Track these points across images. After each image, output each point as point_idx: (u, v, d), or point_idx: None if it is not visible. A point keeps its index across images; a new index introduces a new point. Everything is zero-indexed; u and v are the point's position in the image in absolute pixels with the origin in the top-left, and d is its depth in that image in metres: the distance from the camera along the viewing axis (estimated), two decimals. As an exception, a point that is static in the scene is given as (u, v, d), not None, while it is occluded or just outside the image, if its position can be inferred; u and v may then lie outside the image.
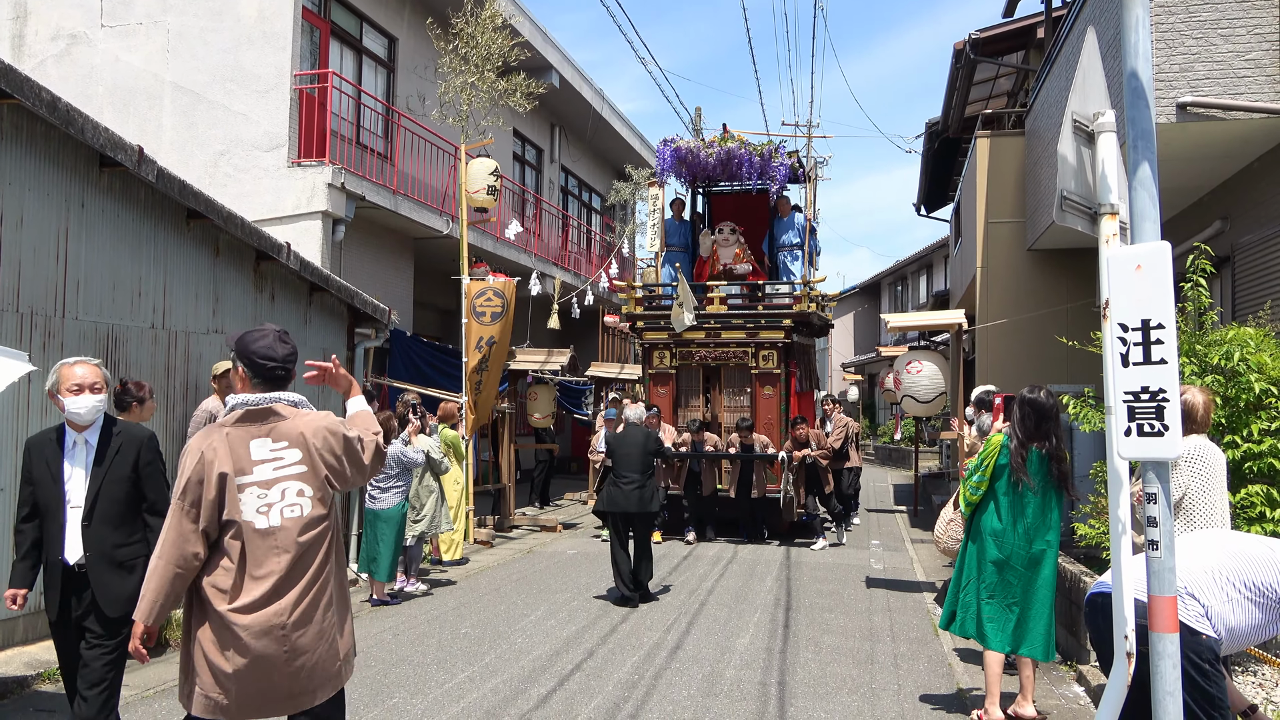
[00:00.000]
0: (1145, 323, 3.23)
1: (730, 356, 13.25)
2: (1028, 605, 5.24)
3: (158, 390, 7.34)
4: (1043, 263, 13.50)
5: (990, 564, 5.28)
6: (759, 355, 13.06)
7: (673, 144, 14.00)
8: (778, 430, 12.76)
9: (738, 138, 13.84)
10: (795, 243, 14.17)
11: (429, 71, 14.55)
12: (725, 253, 14.26)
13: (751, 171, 13.76)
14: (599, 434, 13.13)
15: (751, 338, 13.09)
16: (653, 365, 13.63)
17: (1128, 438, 3.26)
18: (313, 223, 11.62)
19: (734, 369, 13.36)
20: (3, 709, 5.37)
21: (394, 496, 8.37)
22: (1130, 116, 3.28)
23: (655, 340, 13.57)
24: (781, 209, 14.41)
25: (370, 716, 5.35)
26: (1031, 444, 5.23)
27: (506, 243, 16.12)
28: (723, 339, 13.26)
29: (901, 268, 36.08)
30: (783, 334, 12.96)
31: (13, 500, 6.03)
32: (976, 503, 5.39)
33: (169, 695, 5.68)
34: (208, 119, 12.17)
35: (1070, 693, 5.99)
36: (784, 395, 13.02)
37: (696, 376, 13.56)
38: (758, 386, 13.13)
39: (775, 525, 12.65)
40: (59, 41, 12.81)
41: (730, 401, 13.47)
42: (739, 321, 13.24)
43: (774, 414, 12.95)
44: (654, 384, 13.61)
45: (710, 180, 14.81)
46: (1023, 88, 16.21)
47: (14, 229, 6.18)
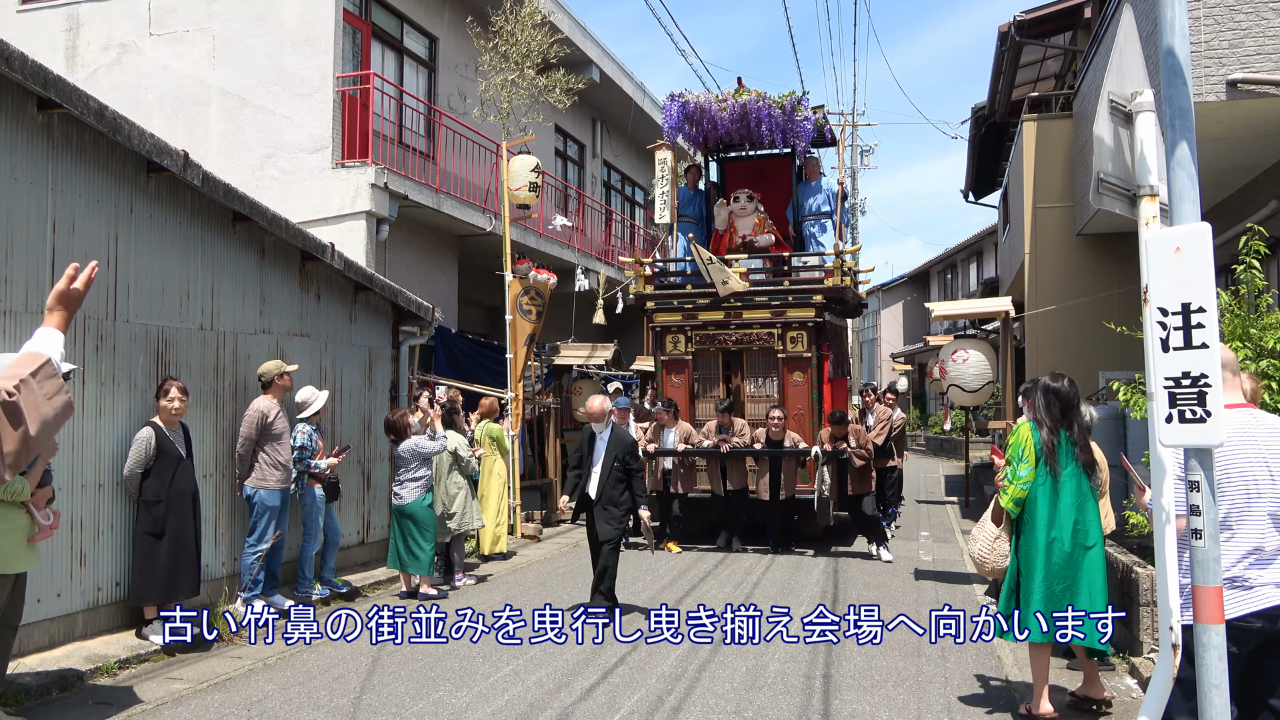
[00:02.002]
0: (1185, 306, 3.15)
1: (754, 339, 11.75)
2: (1077, 593, 5.16)
3: (207, 390, 7.50)
4: (1092, 247, 13.25)
5: (1040, 555, 5.21)
6: (786, 337, 11.59)
7: (681, 99, 12.33)
8: (809, 422, 11.39)
9: (754, 92, 12.12)
10: (825, 210, 12.68)
11: (469, 70, 14.65)
12: (743, 223, 12.76)
13: (773, 128, 12.02)
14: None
15: (778, 317, 11.58)
16: (665, 351, 12.12)
17: (1169, 424, 3.18)
18: (357, 223, 11.77)
19: (758, 353, 11.87)
20: (63, 702, 5.52)
21: (415, 490, 8.39)
22: (1168, 95, 3.21)
23: (668, 323, 12.05)
24: (809, 172, 12.93)
25: (416, 709, 5.42)
26: (1060, 429, 5.25)
27: (550, 238, 16.21)
28: (744, 319, 11.72)
29: (950, 255, 35.65)
30: (813, 312, 11.47)
31: (82, 494, 6.21)
32: (1024, 497, 5.29)
33: (222, 689, 5.81)
34: (253, 123, 12.37)
35: (1122, 685, 5.89)
36: (815, 382, 11.57)
37: (715, 363, 12.11)
38: (785, 373, 11.64)
39: (807, 529, 11.43)
40: (110, 51, 13.11)
41: (755, 390, 12.01)
42: (763, 299, 11.70)
43: (804, 403, 11.53)
44: (667, 372, 12.13)
45: (725, 143, 13.18)
46: (1070, 69, 15.90)
47: (66, 235, 6.34)
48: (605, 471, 7.58)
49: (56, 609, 6.17)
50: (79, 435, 6.36)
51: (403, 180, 12.25)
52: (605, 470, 7.58)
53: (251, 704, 5.52)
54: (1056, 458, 5.19)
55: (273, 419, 7.54)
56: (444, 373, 12.50)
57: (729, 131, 12.41)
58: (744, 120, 12.14)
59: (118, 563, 6.63)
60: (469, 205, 13.85)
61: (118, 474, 6.62)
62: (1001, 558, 5.56)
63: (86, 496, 6.41)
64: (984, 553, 5.62)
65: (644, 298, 12.28)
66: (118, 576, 6.63)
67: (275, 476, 7.47)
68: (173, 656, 6.43)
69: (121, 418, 6.69)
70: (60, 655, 6.03)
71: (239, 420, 7.60)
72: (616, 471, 7.54)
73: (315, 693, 5.72)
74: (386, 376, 9.98)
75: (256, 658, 6.49)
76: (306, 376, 8.46)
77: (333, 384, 9.04)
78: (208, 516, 7.26)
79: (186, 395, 6.83)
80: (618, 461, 7.57)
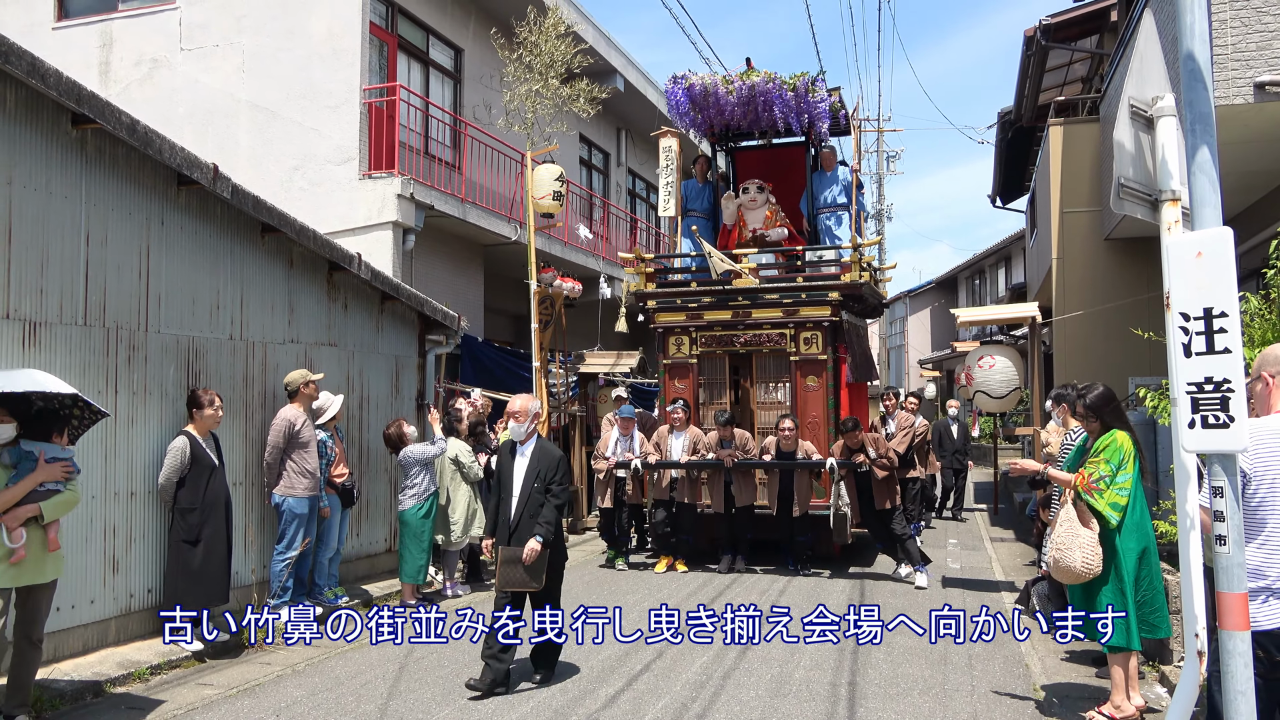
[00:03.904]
0: (1208, 311, 3.14)
1: (764, 340, 10.78)
2: (1154, 594, 5.22)
3: (236, 399, 7.61)
4: (1120, 252, 13.14)
5: (1137, 559, 5.20)
6: (800, 338, 10.61)
7: (684, 81, 11.34)
8: (824, 431, 10.42)
9: (764, 73, 11.13)
10: (842, 202, 11.74)
11: (494, 80, 14.76)
12: (753, 216, 11.83)
13: (785, 110, 11.01)
14: (608, 435, 11.01)
15: (790, 316, 10.63)
16: (668, 354, 11.20)
17: (1191, 430, 3.18)
18: (384, 233, 11.89)
19: (769, 356, 10.90)
20: (95, 707, 5.62)
21: (410, 499, 8.44)
22: (1188, 99, 3.20)
23: (671, 323, 11.14)
24: (825, 162, 11.92)
25: (442, 715, 5.46)
26: (1130, 430, 5.26)
27: (574, 247, 16.27)
28: (754, 319, 10.77)
29: (979, 261, 35.42)
30: (829, 310, 10.51)
31: (115, 502, 6.32)
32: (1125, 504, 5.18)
33: (251, 694, 5.88)
34: (282, 135, 12.53)
35: (1153, 693, 5.82)
36: (832, 387, 10.59)
37: (722, 366, 11.14)
38: (799, 377, 10.64)
39: (824, 549, 10.39)
40: (142, 66, 13.32)
41: (765, 396, 11.05)
42: (774, 296, 10.74)
43: (819, 410, 10.54)
44: (670, 377, 11.19)
45: (734, 131, 12.11)
46: (1097, 73, 15.79)
47: (99, 247, 6.46)
48: (524, 497, 5.90)
49: (89, 615, 6.28)
50: (112, 444, 6.47)
51: (429, 190, 12.35)
52: (524, 495, 5.90)
53: (280, 709, 5.59)
54: (1145, 465, 5.21)
55: (299, 427, 7.63)
56: (470, 381, 12.56)
57: (737, 116, 11.43)
58: (753, 103, 11.14)
59: (150, 569, 6.74)
60: (494, 214, 13.95)
61: (149, 482, 6.72)
62: (1096, 564, 5.25)
63: (119, 504, 6.52)
64: (1089, 560, 5.16)
65: (644, 296, 11.40)
66: (150, 583, 6.73)
67: (303, 484, 7.56)
68: (203, 663, 6.52)
69: (154, 427, 6.81)
70: (93, 661, 6.13)
71: (268, 429, 7.70)
72: (538, 496, 5.88)
73: (343, 698, 5.78)
74: (413, 385, 10.06)
75: (285, 664, 6.57)
76: (334, 386, 8.56)
77: (360, 393, 9.13)
78: (237, 524, 7.36)
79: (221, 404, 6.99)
80: (538, 482, 5.90)
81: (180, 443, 6.69)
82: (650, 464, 10.35)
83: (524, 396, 6.21)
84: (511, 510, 5.94)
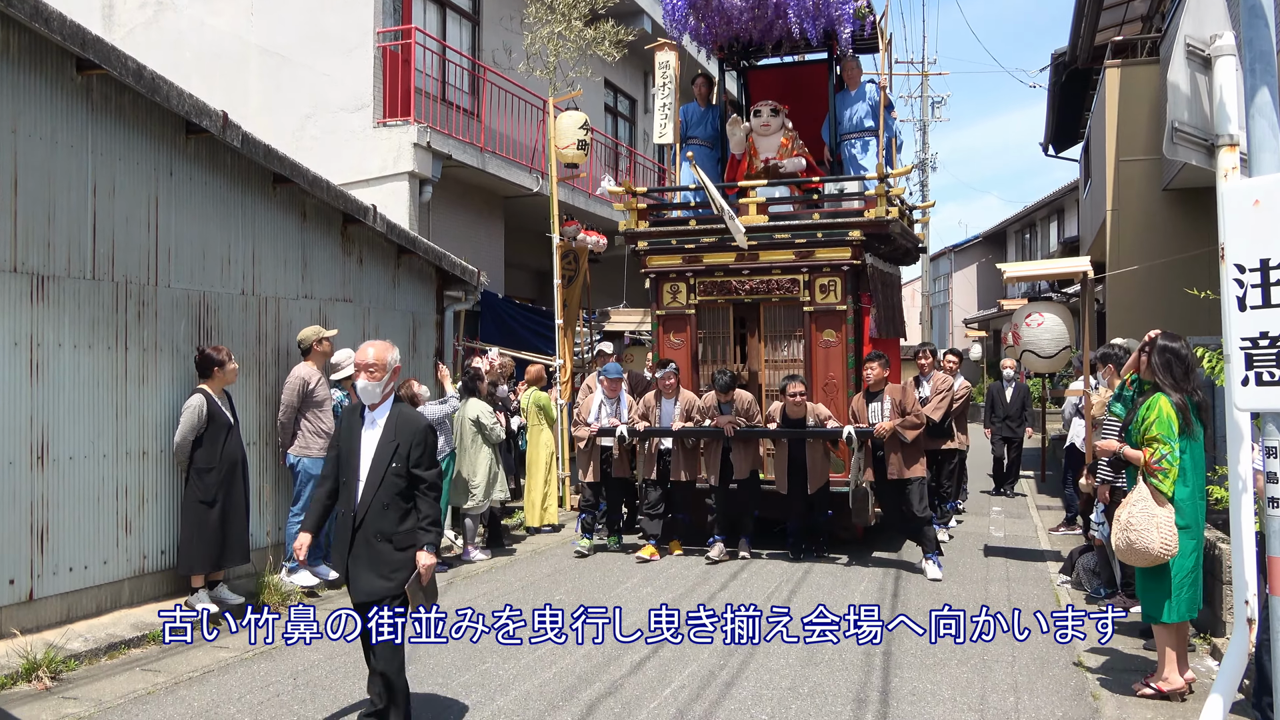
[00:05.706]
0: (1264, 263, 3.14)
1: (773, 288, 9.66)
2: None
3: (249, 356, 7.73)
4: (1179, 203, 12.98)
5: (1188, 532, 5.19)
6: (815, 285, 9.50)
7: None
8: (843, 394, 9.35)
9: None
10: (869, 125, 10.29)
11: (515, 23, 14.70)
12: (766, 143, 10.34)
13: (802, 15, 9.75)
14: (590, 397, 9.87)
15: (805, 259, 9.50)
16: (662, 303, 10.11)
17: (1245, 387, 3.19)
18: (399, 184, 11.95)
19: (779, 306, 9.75)
20: (110, 669, 5.80)
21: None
22: (1247, 37, 3.17)
23: (665, 267, 10.05)
24: (848, 78, 10.49)
25: (462, 680, 5.60)
26: (1186, 392, 5.07)
27: (600, 199, 16.25)
28: (761, 262, 9.66)
29: (1029, 214, 35.01)
30: (849, 252, 9.37)
31: (126, 461, 6.48)
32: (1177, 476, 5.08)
33: (268, 658, 6.04)
34: (293, 81, 12.58)
35: (1203, 666, 5.85)
36: (852, 342, 9.44)
37: (725, 318, 10.00)
38: (814, 331, 9.53)
39: (843, 532, 9.52)
40: (146, 9, 13.39)
41: (773, 354, 9.85)
42: (786, 236, 9.63)
43: (838, 370, 9.45)
44: (665, 330, 10.13)
45: (744, 44, 10.82)
46: (1158, 10, 15.48)
47: (106, 198, 6.56)
48: (376, 480, 4.53)
49: (103, 576, 6.46)
50: (123, 403, 6.61)
51: (446, 139, 12.38)
52: (376, 477, 4.54)
53: (297, 672, 5.75)
54: (1191, 423, 4.97)
55: (314, 386, 7.75)
56: (491, 339, 12.65)
57: (745, 23, 10.16)
58: (763, 7, 9.93)
59: (163, 531, 6.91)
60: (515, 165, 13.96)
61: (162, 441, 6.87)
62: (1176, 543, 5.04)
63: (131, 464, 6.67)
64: (1168, 541, 4.93)
65: (634, 236, 10.27)
66: (164, 545, 6.90)
67: (318, 444, 7.68)
68: (220, 625, 6.70)
69: (165, 385, 6.94)
70: (107, 622, 6.32)
71: (281, 388, 7.82)
72: (394, 481, 4.54)
73: (360, 662, 5.89)
74: (431, 343, 10.16)
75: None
76: (349, 342, 8.65)
77: (376, 351, 9.23)
78: (252, 485, 7.50)
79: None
80: (396, 462, 4.54)
81: (197, 400, 6.82)
82: (638, 432, 9.36)
83: (378, 344, 4.69)
84: (356, 496, 4.56)
